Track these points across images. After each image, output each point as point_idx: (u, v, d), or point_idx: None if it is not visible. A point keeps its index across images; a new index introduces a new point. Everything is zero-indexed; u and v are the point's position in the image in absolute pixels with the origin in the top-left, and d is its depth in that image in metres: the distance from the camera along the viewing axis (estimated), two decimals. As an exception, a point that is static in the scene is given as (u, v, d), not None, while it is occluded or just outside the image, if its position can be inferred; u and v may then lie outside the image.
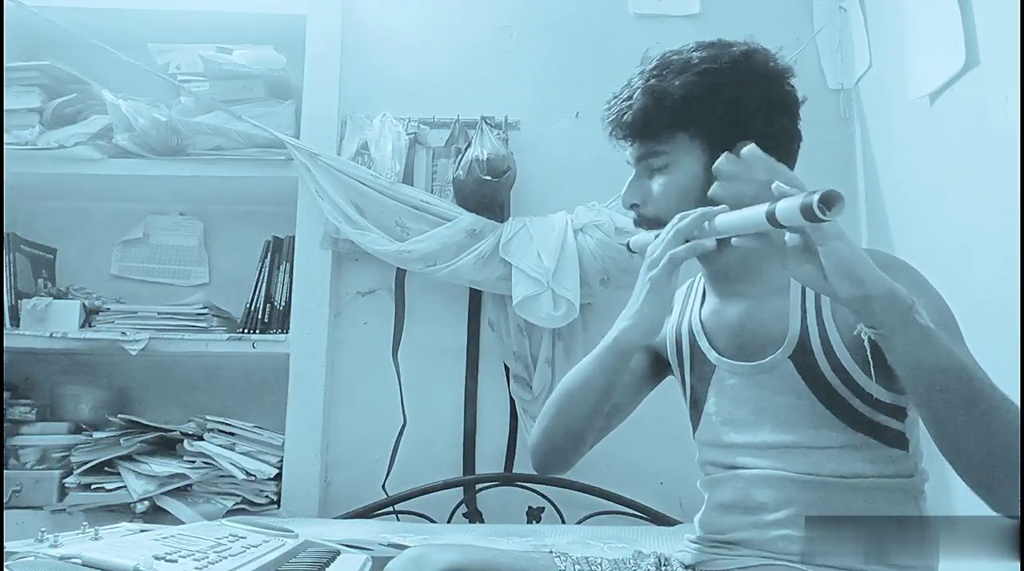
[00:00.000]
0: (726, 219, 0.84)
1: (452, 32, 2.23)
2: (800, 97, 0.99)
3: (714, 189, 0.90)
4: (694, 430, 1.04)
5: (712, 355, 1.00)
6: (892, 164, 1.90)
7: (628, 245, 1.04)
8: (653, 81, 0.95)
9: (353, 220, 1.99)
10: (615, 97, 1.00)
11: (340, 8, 2.16)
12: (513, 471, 2.00)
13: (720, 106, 0.93)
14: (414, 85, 2.19)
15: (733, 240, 0.83)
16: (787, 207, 0.72)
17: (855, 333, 0.79)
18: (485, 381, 2.07)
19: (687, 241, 0.88)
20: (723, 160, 0.89)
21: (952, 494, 0.74)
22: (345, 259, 2.12)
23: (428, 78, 2.20)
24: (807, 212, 0.69)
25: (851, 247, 0.74)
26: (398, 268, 2.06)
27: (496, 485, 1.99)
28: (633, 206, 1.00)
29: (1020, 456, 0.70)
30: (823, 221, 0.69)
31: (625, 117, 0.97)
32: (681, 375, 1.07)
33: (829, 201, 0.69)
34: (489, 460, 2.03)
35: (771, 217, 0.75)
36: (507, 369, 2.04)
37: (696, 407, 1.03)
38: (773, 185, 0.75)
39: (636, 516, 1.91)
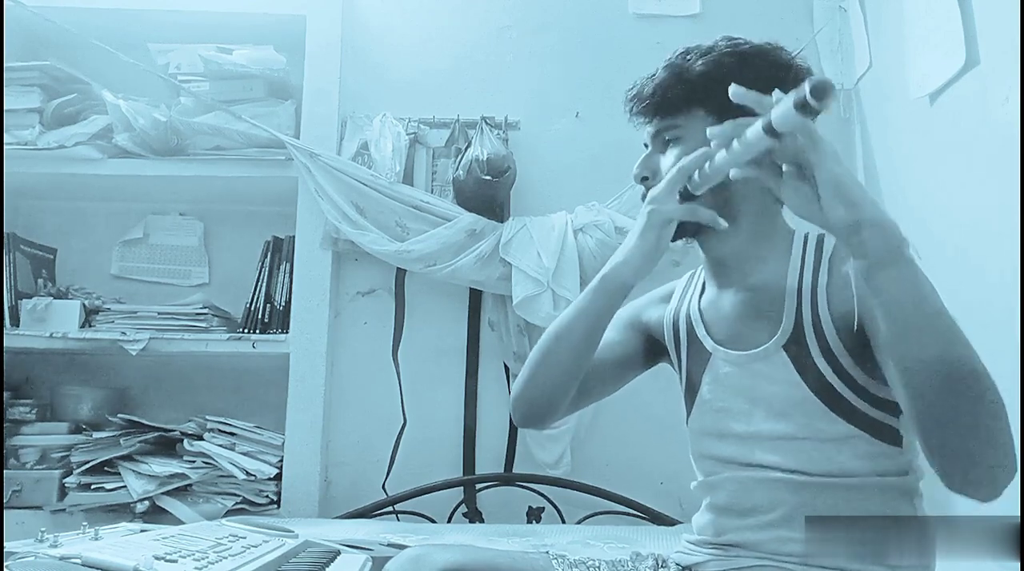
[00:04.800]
0: (723, 154, 0.84)
1: (452, 32, 2.23)
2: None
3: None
4: (688, 416, 1.04)
5: (708, 343, 1.00)
6: (892, 164, 1.90)
7: None
8: (677, 60, 0.98)
9: (353, 220, 1.99)
10: (639, 79, 1.02)
11: (340, 8, 2.16)
12: (513, 471, 2.00)
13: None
14: (414, 85, 2.19)
15: (732, 173, 0.82)
16: (782, 110, 0.71)
17: (843, 271, 0.78)
18: (485, 381, 2.07)
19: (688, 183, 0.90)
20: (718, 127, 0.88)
21: (952, 493, 0.74)
22: (345, 259, 2.12)
23: (428, 78, 2.20)
24: (801, 105, 0.68)
25: (846, 171, 0.74)
26: (398, 268, 2.07)
27: (496, 485, 1.99)
28: (643, 180, 1.01)
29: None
30: (820, 111, 0.68)
31: (645, 90, 0.99)
32: (677, 361, 1.07)
33: (820, 90, 0.67)
34: (489, 460, 2.03)
35: (768, 127, 0.74)
36: (507, 369, 2.04)
37: (691, 394, 1.03)
38: (773, 94, 0.75)
39: (636, 516, 1.91)
